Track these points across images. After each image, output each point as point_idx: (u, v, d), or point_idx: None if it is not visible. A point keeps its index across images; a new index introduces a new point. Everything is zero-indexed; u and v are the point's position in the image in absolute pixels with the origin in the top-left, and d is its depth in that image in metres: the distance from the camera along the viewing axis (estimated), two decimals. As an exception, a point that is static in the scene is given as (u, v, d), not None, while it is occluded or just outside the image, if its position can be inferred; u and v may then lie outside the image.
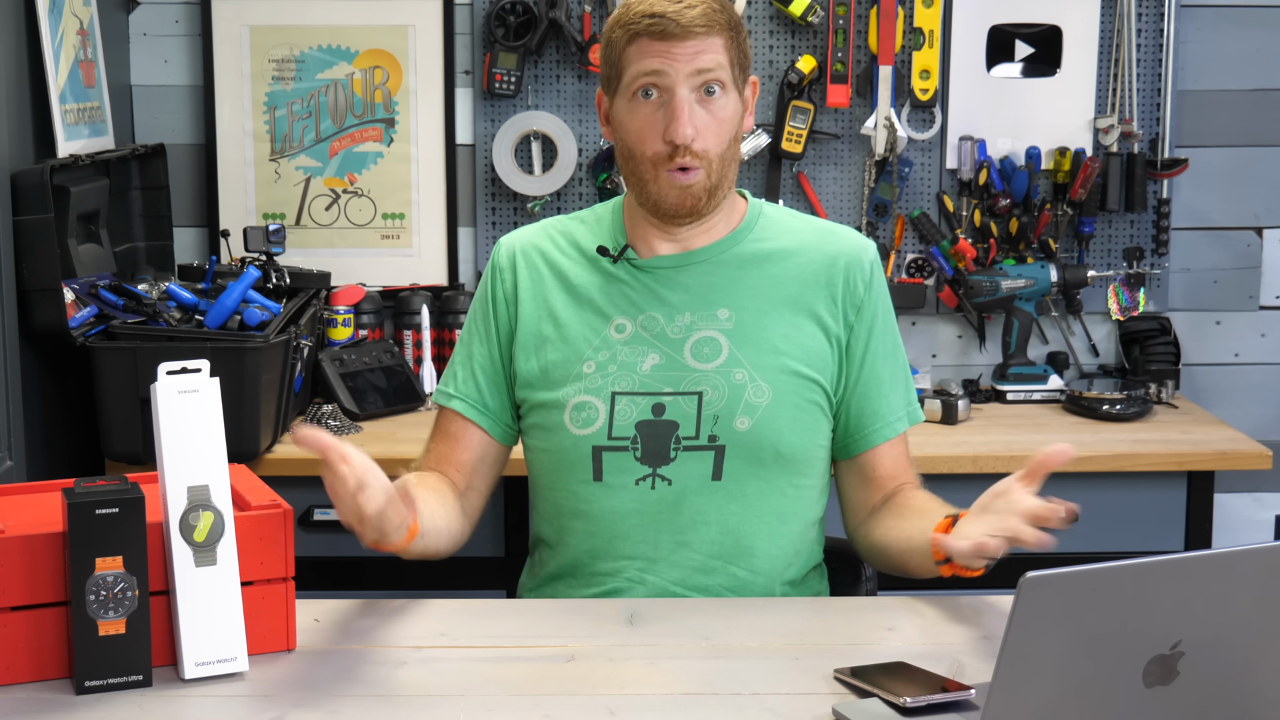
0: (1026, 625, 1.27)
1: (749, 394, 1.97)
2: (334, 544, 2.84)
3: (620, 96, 1.97)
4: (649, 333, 2.00)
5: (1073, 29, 3.31)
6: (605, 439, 1.98)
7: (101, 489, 1.63)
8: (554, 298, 2.04)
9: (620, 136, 1.99)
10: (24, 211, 2.59)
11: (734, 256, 2.03)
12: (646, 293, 2.02)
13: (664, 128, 1.93)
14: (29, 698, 1.62)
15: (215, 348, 2.68)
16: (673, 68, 1.92)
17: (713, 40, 1.93)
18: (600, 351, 2.00)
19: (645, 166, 1.96)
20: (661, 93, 1.93)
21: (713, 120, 1.94)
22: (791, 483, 2.00)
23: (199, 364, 1.69)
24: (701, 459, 1.97)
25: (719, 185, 1.98)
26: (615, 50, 1.97)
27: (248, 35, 3.33)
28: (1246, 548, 1.35)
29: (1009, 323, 3.28)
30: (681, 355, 1.99)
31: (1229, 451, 2.89)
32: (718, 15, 1.94)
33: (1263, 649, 1.39)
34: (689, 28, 1.91)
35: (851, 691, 1.62)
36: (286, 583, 1.73)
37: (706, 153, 1.94)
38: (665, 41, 1.91)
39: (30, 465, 2.63)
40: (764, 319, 2.00)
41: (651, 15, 1.92)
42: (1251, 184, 3.41)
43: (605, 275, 2.04)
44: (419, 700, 1.62)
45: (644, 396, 1.97)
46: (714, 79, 1.93)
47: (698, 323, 2.00)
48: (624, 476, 1.98)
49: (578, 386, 1.99)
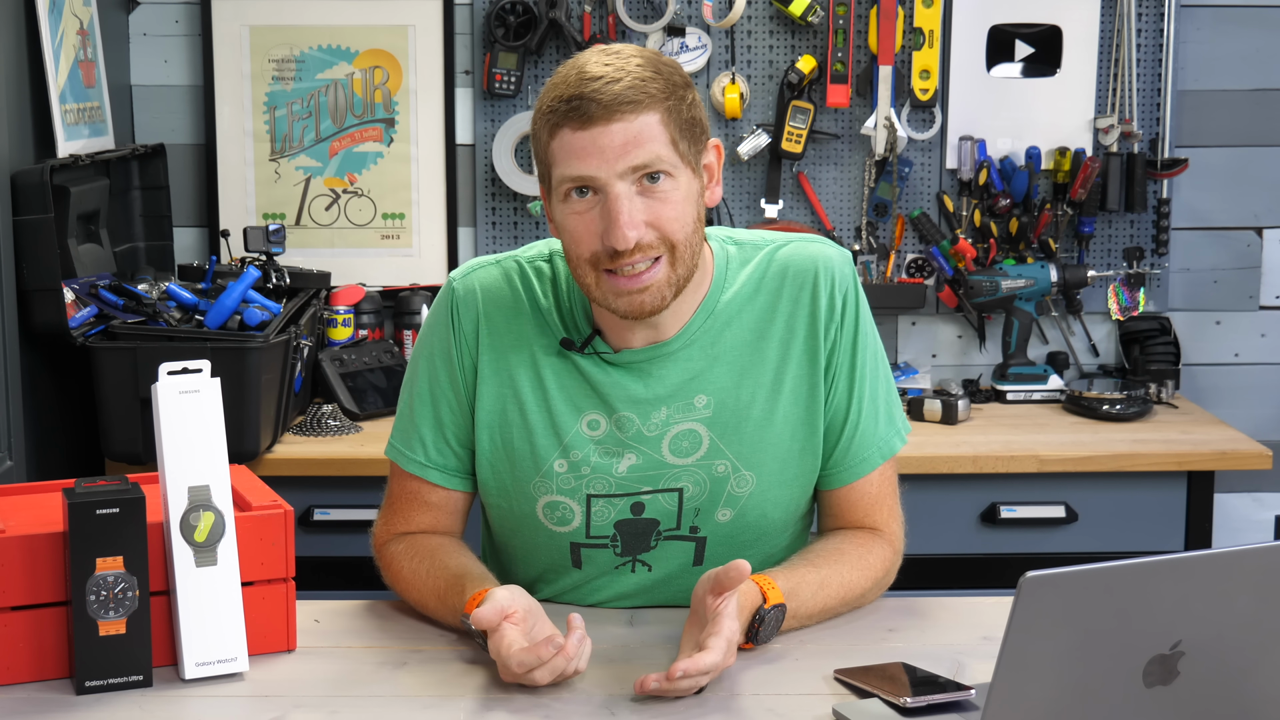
0: (1027, 625, 1.27)
1: (731, 485, 1.84)
2: (334, 544, 2.84)
3: (554, 197, 1.75)
4: (624, 433, 1.82)
5: (1073, 29, 3.31)
6: (583, 537, 1.86)
7: (102, 489, 1.63)
8: (520, 380, 1.84)
9: (560, 236, 1.77)
10: (24, 211, 2.59)
11: (706, 333, 1.83)
12: (619, 390, 1.82)
13: (602, 230, 1.70)
14: (29, 698, 1.62)
15: (215, 348, 2.68)
16: (601, 168, 1.68)
17: (645, 119, 1.68)
18: (572, 450, 1.83)
19: (586, 271, 1.74)
20: (595, 190, 1.70)
21: (663, 206, 1.70)
22: (778, 544, 1.91)
23: (200, 364, 1.69)
24: (683, 548, 1.87)
25: (686, 277, 1.75)
26: (540, 145, 1.74)
27: (248, 35, 3.33)
28: (1246, 547, 1.35)
29: (1009, 323, 3.28)
30: (659, 453, 1.83)
31: (1229, 451, 2.89)
32: (647, 85, 1.69)
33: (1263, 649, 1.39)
34: (613, 107, 1.67)
35: (851, 692, 1.62)
36: (287, 583, 1.73)
37: (664, 240, 1.71)
38: (589, 129, 1.67)
39: (30, 465, 2.63)
40: (742, 395, 1.83)
41: (569, 100, 1.68)
42: (1251, 184, 3.41)
43: (573, 362, 1.83)
44: (419, 700, 1.62)
45: (621, 498, 1.84)
46: (655, 169, 1.69)
47: (674, 416, 1.82)
48: (603, 565, 1.89)
49: (549, 485, 1.84)
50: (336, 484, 2.85)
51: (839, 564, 1.83)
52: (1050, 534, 2.90)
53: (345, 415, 3.05)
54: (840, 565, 1.83)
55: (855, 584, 1.83)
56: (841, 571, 1.83)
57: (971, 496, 2.91)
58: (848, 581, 1.83)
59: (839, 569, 1.83)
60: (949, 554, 2.89)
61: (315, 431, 2.97)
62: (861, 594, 1.85)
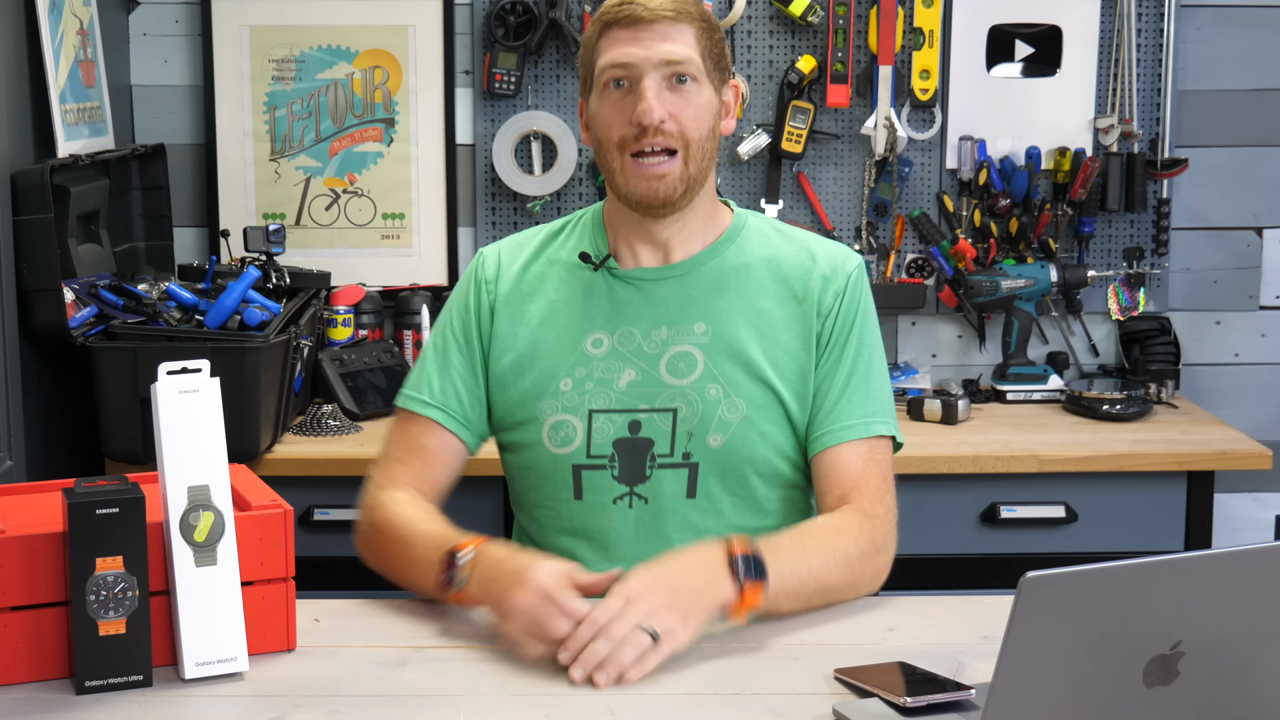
0: (1027, 625, 1.27)
1: (722, 410, 1.96)
2: (334, 544, 2.84)
3: (594, 92, 1.97)
4: (625, 348, 1.99)
5: (1073, 29, 3.31)
6: (584, 457, 1.98)
7: (102, 489, 1.63)
8: (532, 312, 2.03)
9: (593, 130, 1.98)
10: (24, 211, 2.59)
11: (712, 270, 2.02)
12: (624, 306, 2.01)
13: (631, 112, 1.92)
14: (29, 698, 1.62)
15: (215, 348, 2.68)
16: (640, 57, 1.91)
17: (681, 28, 1.93)
18: (577, 368, 1.99)
19: (613, 155, 1.95)
20: (631, 82, 1.93)
21: (686, 104, 1.93)
22: (769, 494, 2.00)
23: (199, 364, 1.69)
24: (676, 476, 1.97)
25: (696, 178, 1.96)
26: (589, 47, 1.98)
27: (248, 35, 3.33)
28: (1247, 548, 1.35)
29: (1009, 323, 3.28)
30: (657, 371, 1.98)
31: (1229, 451, 2.89)
32: (687, 5, 1.94)
33: (1263, 649, 1.39)
34: (657, 12, 1.91)
35: (852, 691, 1.62)
36: (286, 583, 1.73)
37: (681, 135, 1.92)
38: (633, 29, 1.92)
39: (30, 465, 2.63)
40: (739, 332, 1.99)
41: (620, 3, 1.93)
42: (1251, 184, 3.41)
43: (583, 287, 2.03)
44: (419, 700, 1.62)
45: (621, 414, 1.97)
46: (683, 70, 1.92)
47: (674, 337, 1.99)
48: (603, 495, 1.98)
49: (554, 404, 1.99)
50: (336, 484, 2.85)
51: (811, 524, 1.93)
52: (1050, 534, 2.90)
53: (345, 415, 3.05)
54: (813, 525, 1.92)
55: (829, 531, 1.88)
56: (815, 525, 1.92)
57: (971, 496, 2.91)
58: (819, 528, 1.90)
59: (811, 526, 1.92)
60: (949, 554, 2.89)
61: (315, 431, 2.97)
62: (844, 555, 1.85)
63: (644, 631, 1.63)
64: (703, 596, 1.70)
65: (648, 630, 1.63)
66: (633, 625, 1.63)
